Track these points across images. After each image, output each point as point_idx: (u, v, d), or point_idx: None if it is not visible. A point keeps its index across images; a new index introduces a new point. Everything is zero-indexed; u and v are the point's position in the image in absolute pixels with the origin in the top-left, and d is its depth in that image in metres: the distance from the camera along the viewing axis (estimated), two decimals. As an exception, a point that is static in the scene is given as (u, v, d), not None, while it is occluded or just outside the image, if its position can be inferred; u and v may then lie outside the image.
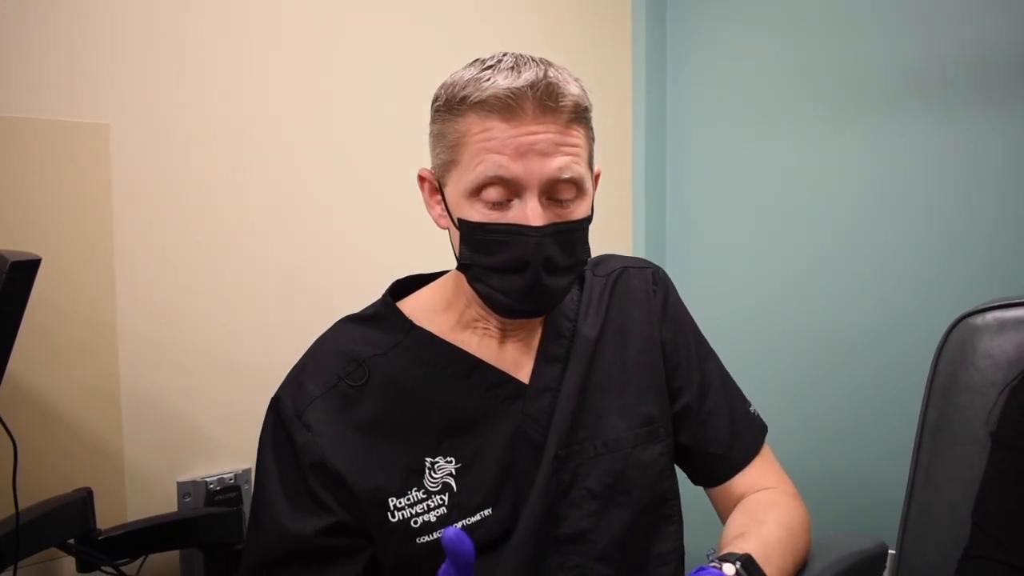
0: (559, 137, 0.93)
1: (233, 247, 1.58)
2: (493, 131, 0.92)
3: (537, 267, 0.93)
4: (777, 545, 0.99)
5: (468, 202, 0.95)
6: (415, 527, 0.97)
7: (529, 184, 0.92)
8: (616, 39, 2.28)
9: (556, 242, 0.95)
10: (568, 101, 0.93)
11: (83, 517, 1.30)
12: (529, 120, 0.92)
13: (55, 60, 1.37)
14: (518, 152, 0.91)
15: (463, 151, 0.94)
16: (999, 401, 1.07)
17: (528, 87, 0.91)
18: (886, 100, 1.96)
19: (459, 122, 0.94)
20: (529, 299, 0.96)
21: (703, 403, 1.12)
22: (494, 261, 0.95)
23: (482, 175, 0.92)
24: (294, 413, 0.99)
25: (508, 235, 0.93)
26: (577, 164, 0.95)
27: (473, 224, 0.95)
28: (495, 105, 0.91)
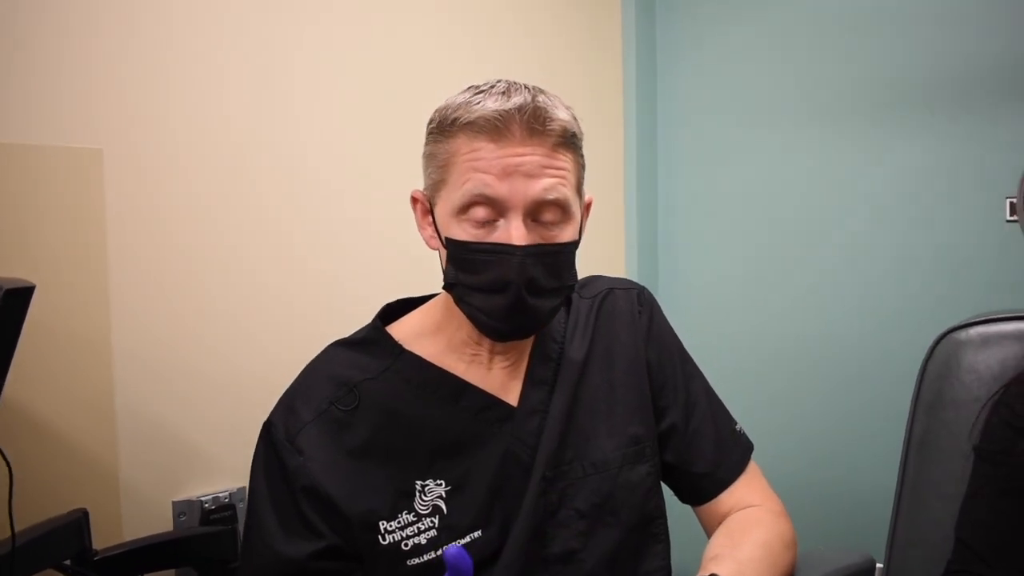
0: (545, 160, 0.95)
1: (227, 269, 1.59)
2: (481, 151, 0.94)
3: (519, 287, 0.94)
4: (753, 564, 1.00)
5: (455, 221, 0.97)
6: (405, 549, 0.99)
7: (514, 204, 0.94)
8: (606, 56, 2.30)
9: (540, 263, 0.96)
10: (556, 125, 0.95)
11: (79, 538, 1.30)
12: (516, 142, 0.94)
13: (49, 86, 1.38)
14: (504, 172, 0.93)
15: (452, 170, 0.96)
16: (982, 416, 1.08)
17: (516, 110, 0.93)
18: (877, 113, 1.97)
19: (449, 143, 0.97)
20: (511, 319, 0.97)
21: (688, 422, 1.14)
22: (478, 280, 0.96)
23: (468, 193, 0.94)
24: (286, 438, 1.00)
25: (491, 254, 0.95)
26: (563, 186, 0.96)
27: (458, 243, 0.96)
28: (483, 126, 0.94)
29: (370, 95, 1.81)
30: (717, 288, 2.27)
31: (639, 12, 2.32)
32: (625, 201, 2.33)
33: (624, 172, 2.32)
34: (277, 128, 1.67)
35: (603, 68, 2.29)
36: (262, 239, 1.64)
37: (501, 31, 2.03)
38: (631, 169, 2.32)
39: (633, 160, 2.32)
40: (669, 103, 2.37)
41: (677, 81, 2.35)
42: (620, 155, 2.32)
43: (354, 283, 1.77)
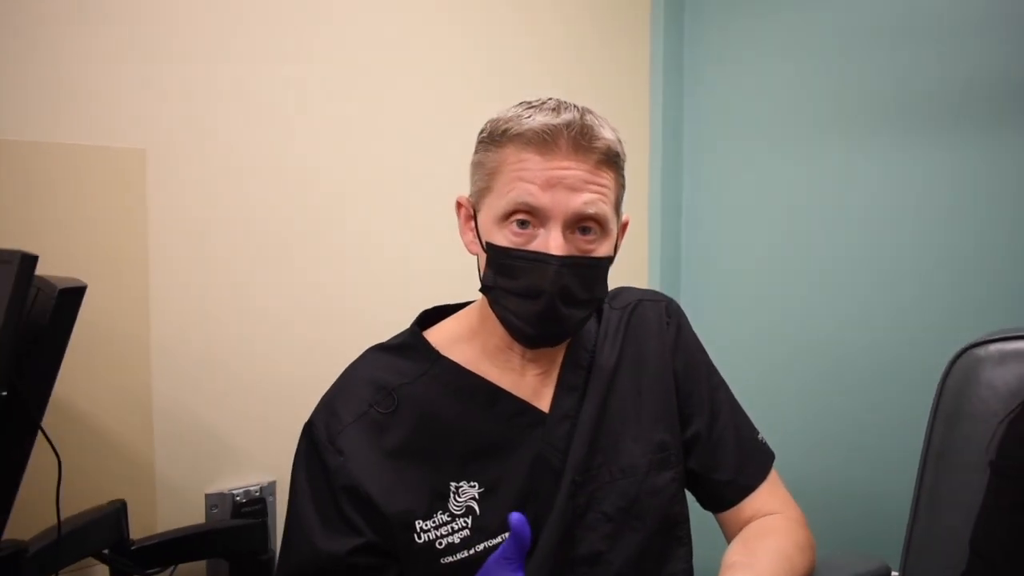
0: (588, 175, 0.99)
1: (264, 270, 1.63)
2: (527, 162, 0.98)
3: (552, 295, 0.98)
4: (770, 571, 1.03)
5: (497, 227, 1.00)
6: (440, 548, 1.02)
7: (555, 215, 0.98)
8: (633, 66, 2.32)
9: (574, 274, 0.99)
10: (601, 144, 0.99)
11: (117, 528, 1.35)
12: (562, 156, 0.98)
13: (93, 87, 1.42)
14: (548, 183, 0.97)
15: (498, 179, 1.01)
16: (998, 431, 1.11)
17: (564, 126, 0.98)
18: (900, 123, 1.97)
19: (498, 153, 1.01)
20: (541, 325, 1.01)
21: (712, 431, 1.17)
22: (514, 285, 1.00)
23: (512, 201, 0.98)
24: (327, 439, 1.04)
25: (529, 261, 0.98)
26: (603, 203, 1.00)
27: (499, 248, 1.00)
28: (532, 139, 0.98)
29: (413, 101, 1.85)
30: (739, 298, 2.29)
31: (667, 23, 2.35)
32: (649, 213, 2.35)
33: (649, 185, 2.35)
34: (321, 128, 1.70)
35: (630, 77, 2.31)
36: (301, 241, 1.68)
37: (524, 47, 2.05)
38: (656, 183, 2.35)
39: (658, 174, 2.34)
40: (695, 117, 2.39)
41: (703, 95, 2.37)
42: (645, 168, 2.35)
43: (394, 285, 1.80)
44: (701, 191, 2.38)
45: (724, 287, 2.32)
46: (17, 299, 0.85)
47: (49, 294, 1.02)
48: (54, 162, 1.39)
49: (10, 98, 1.35)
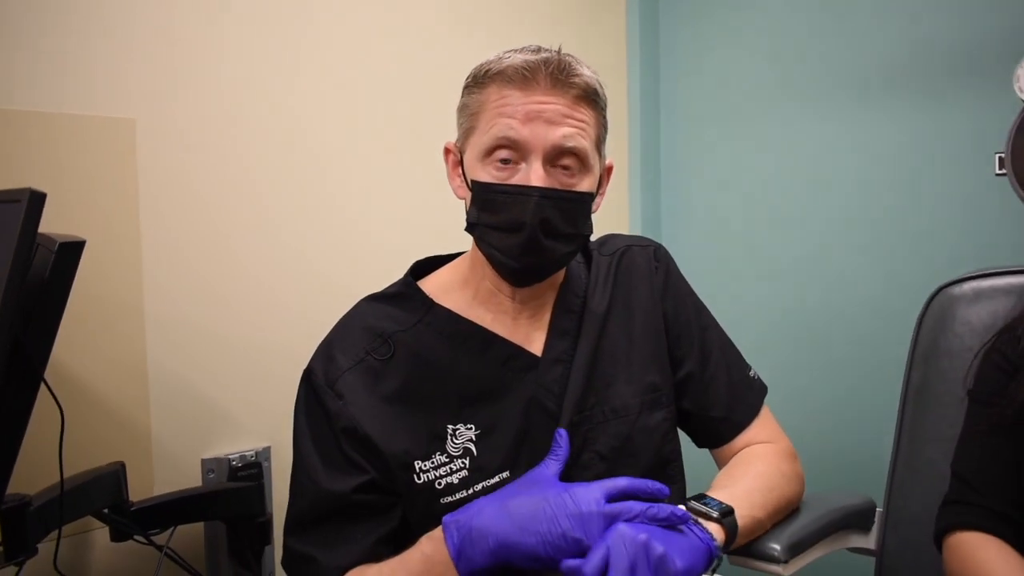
0: (567, 110, 1.02)
1: (254, 235, 1.65)
2: (508, 98, 1.02)
3: (534, 227, 1.01)
4: (748, 493, 1.07)
5: (481, 164, 1.04)
6: (439, 488, 1.05)
7: (534, 148, 1.01)
8: (609, 34, 2.36)
9: (555, 207, 1.02)
10: (579, 80, 1.03)
11: (117, 488, 1.37)
12: (541, 91, 1.01)
13: (83, 58, 1.43)
14: (527, 117, 1.01)
15: (481, 117, 1.04)
16: (975, 363, 1.16)
17: (542, 62, 1.01)
18: (869, 92, 2.04)
19: (481, 93, 1.04)
20: (525, 258, 1.03)
21: (704, 370, 1.20)
22: (497, 220, 1.03)
23: (493, 136, 1.01)
24: (326, 383, 1.06)
25: (510, 195, 1.01)
26: (582, 137, 1.03)
27: (482, 184, 1.03)
28: (512, 76, 1.01)
29: (391, 75, 1.88)
30: (720, 255, 2.34)
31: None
32: (629, 179, 2.39)
33: (628, 145, 2.39)
34: (307, 96, 1.72)
35: (605, 39, 2.35)
36: (291, 207, 1.70)
37: (502, 31, 2.09)
38: (635, 142, 2.39)
39: (637, 131, 2.39)
40: (671, 81, 2.44)
41: (679, 58, 2.42)
42: (624, 136, 2.39)
43: (379, 247, 1.82)
44: (678, 152, 2.43)
45: (704, 242, 2.37)
46: (26, 237, 0.87)
47: (49, 248, 1.04)
48: (44, 131, 1.39)
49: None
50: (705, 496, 1.05)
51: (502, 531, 0.91)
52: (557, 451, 1.01)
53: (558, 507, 0.91)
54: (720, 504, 1.02)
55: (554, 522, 0.90)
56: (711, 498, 1.04)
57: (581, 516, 0.90)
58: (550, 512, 0.91)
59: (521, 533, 0.90)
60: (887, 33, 2.01)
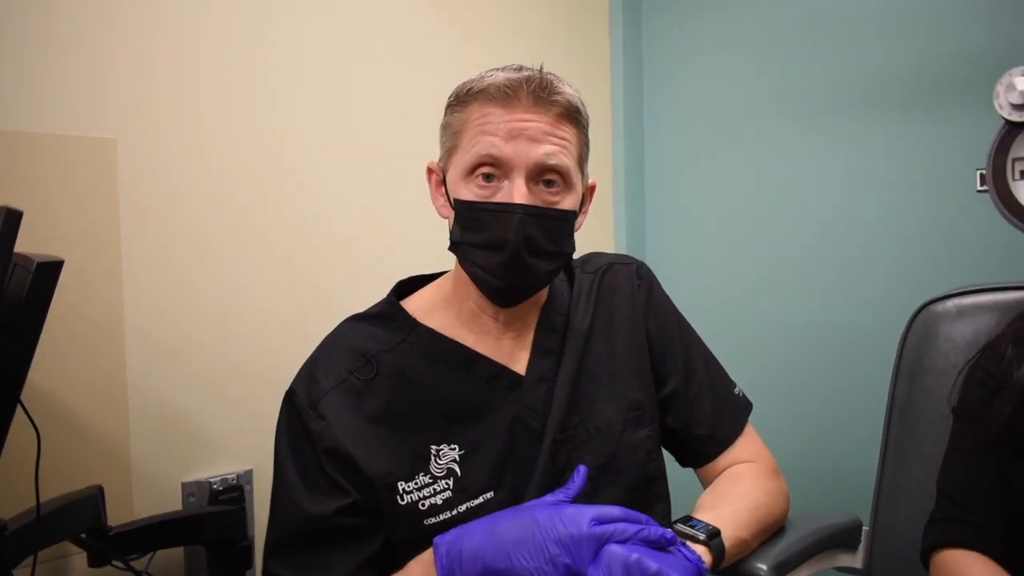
0: (549, 128, 1.02)
1: (237, 254, 1.64)
2: (490, 116, 1.02)
3: (517, 244, 1.00)
4: (735, 513, 1.06)
5: (464, 183, 1.03)
6: (423, 509, 1.04)
7: (517, 165, 1.01)
8: (593, 53, 2.37)
9: (538, 224, 1.01)
10: (560, 98, 1.03)
11: (95, 513, 1.34)
12: (522, 109, 1.01)
13: (64, 76, 1.43)
14: (510, 135, 1.00)
15: (463, 136, 1.04)
16: (959, 380, 1.16)
17: (524, 80, 1.02)
18: (854, 110, 2.06)
19: (464, 111, 1.04)
20: (508, 276, 1.02)
21: (688, 387, 1.20)
22: (480, 238, 1.02)
23: (476, 154, 1.01)
24: (308, 404, 1.05)
25: (493, 213, 1.01)
26: (564, 155, 1.03)
27: (464, 203, 1.03)
28: (494, 94, 1.01)
29: (374, 89, 1.88)
30: (703, 272, 2.35)
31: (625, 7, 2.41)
32: (613, 196, 2.39)
33: (612, 162, 2.40)
34: (288, 115, 1.72)
35: (590, 67, 2.36)
36: (274, 223, 1.69)
37: (489, 35, 2.10)
38: (619, 160, 2.40)
39: (621, 150, 2.40)
40: (655, 98, 2.45)
41: (663, 76, 2.44)
42: (608, 154, 2.39)
43: (364, 266, 1.82)
44: (663, 167, 2.44)
45: (688, 259, 2.38)
46: (2, 255, 0.85)
47: (27, 267, 1.03)
48: (24, 151, 1.39)
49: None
50: (691, 518, 1.04)
51: (490, 555, 0.90)
52: (570, 485, 0.99)
53: (547, 531, 0.90)
54: (707, 526, 1.02)
55: (542, 548, 0.89)
56: (697, 520, 1.03)
57: (571, 539, 0.89)
58: (539, 537, 0.90)
59: (509, 558, 0.89)
60: (873, 48, 2.03)
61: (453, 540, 0.94)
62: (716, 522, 1.03)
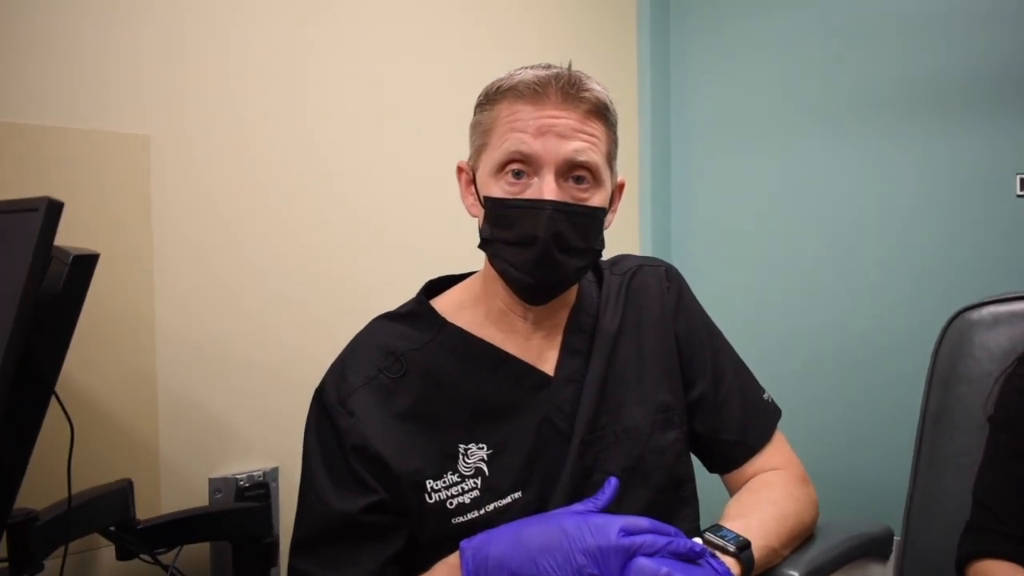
0: (578, 124, 1.02)
1: (268, 253, 1.65)
2: (519, 113, 1.02)
3: (547, 240, 1.00)
4: (762, 522, 1.05)
5: (493, 180, 1.03)
6: (450, 508, 1.03)
7: (546, 162, 1.01)
8: (620, 58, 2.37)
9: (568, 221, 1.01)
10: (589, 94, 1.03)
11: (124, 506, 1.36)
12: (552, 105, 1.01)
13: (99, 73, 1.45)
14: (539, 131, 1.00)
15: (493, 134, 1.04)
16: (995, 388, 1.14)
17: (553, 77, 1.02)
18: (882, 114, 2.05)
19: (493, 110, 1.04)
20: (538, 273, 1.02)
21: (717, 392, 1.19)
22: (510, 235, 1.02)
23: (506, 151, 1.01)
24: (338, 401, 1.05)
25: (523, 209, 1.01)
26: (593, 152, 1.03)
27: (494, 200, 1.03)
28: (523, 91, 1.02)
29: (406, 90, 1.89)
30: (731, 280, 2.33)
31: (653, 5, 2.41)
32: (639, 197, 2.39)
33: (638, 169, 2.39)
34: (323, 118, 1.74)
35: (617, 68, 2.36)
36: (304, 222, 1.70)
37: (518, 39, 2.11)
38: (645, 166, 2.39)
39: (647, 156, 2.39)
40: (682, 96, 2.44)
41: (690, 80, 2.43)
42: (635, 152, 2.38)
43: (395, 266, 1.83)
44: (689, 173, 2.43)
45: (715, 265, 2.37)
46: (43, 246, 0.86)
47: (63, 260, 1.04)
48: (59, 146, 1.40)
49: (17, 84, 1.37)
50: (721, 527, 1.02)
51: (517, 562, 0.89)
52: (599, 496, 0.97)
53: (575, 540, 0.89)
54: (736, 537, 1.00)
55: (570, 557, 0.88)
56: (727, 530, 1.01)
57: (599, 550, 0.88)
58: (567, 546, 0.88)
59: (536, 566, 0.88)
60: (903, 52, 2.01)
61: (479, 545, 0.93)
62: (745, 531, 1.01)
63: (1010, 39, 1.85)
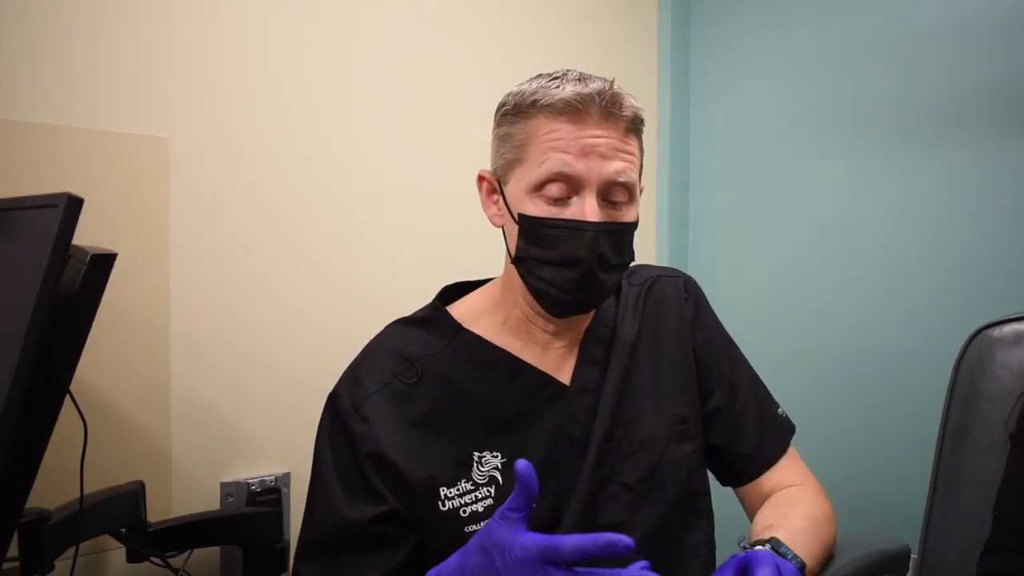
0: (619, 143, 1.01)
1: (283, 256, 1.65)
2: (559, 132, 0.99)
3: (591, 262, 0.99)
4: (804, 534, 1.03)
5: (529, 198, 1.01)
6: (464, 516, 1.02)
7: (589, 183, 0.99)
8: (640, 70, 2.37)
9: (609, 240, 1.01)
10: (628, 111, 1.01)
11: (135, 508, 1.35)
12: (593, 124, 0.99)
13: (119, 75, 1.45)
14: (582, 152, 0.99)
15: (529, 150, 1.01)
16: (1016, 406, 1.12)
17: (595, 94, 0.99)
18: (902, 127, 2.03)
19: (528, 124, 1.02)
20: (579, 293, 1.02)
21: (733, 405, 1.18)
22: (551, 255, 1.01)
23: (547, 171, 0.99)
24: (352, 407, 1.04)
25: (566, 230, 0.99)
26: (631, 171, 1.02)
27: (533, 219, 1.01)
28: (563, 109, 0.99)
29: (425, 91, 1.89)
30: (749, 287, 2.32)
31: (674, 19, 2.41)
32: (657, 209, 2.38)
33: (656, 181, 2.38)
34: (342, 125, 1.74)
35: (636, 75, 2.36)
36: (322, 232, 1.70)
37: (534, 37, 2.11)
38: (663, 178, 2.39)
39: (666, 169, 2.38)
40: (701, 112, 2.44)
41: (710, 90, 2.42)
42: (653, 165, 2.38)
43: (411, 272, 1.82)
44: (707, 186, 2.42)
45: (732, 280, 2.35)
46: (62, 241, 0.86)
47: (81, 259, 1.04)
48: (78, 147, 1.41)
49: (39, 84, 1.37)
50: (781, 543, 0.98)
51: None
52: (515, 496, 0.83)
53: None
54: (796, 556, 0.97)
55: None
56: (786, 547, 0.98)
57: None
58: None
59: None
60: (923, 68, 2.00)
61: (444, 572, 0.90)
62: (796, 549, 0.98)
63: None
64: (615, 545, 0.77)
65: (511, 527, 0.82)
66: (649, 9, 2.38)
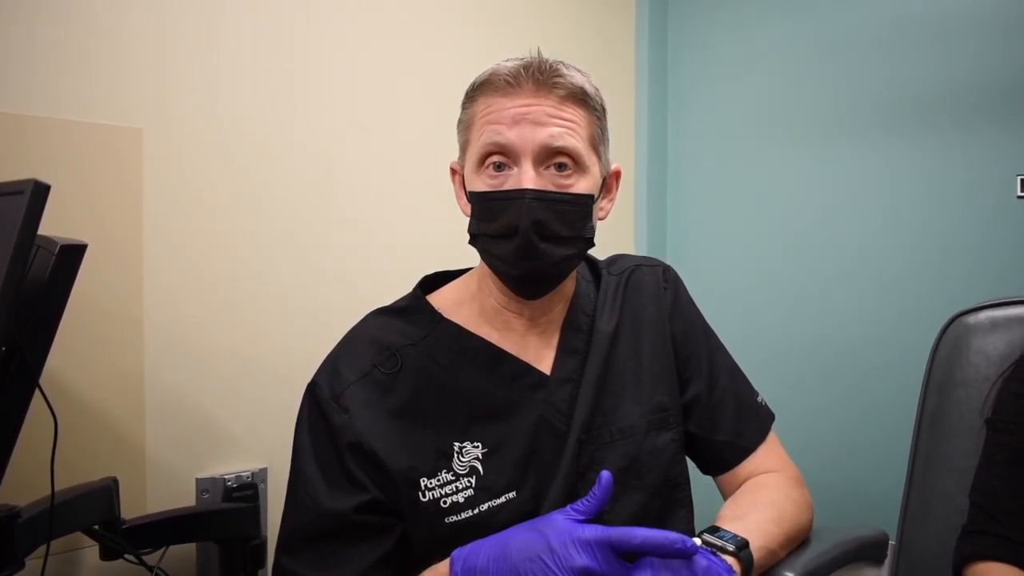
0: (553, 110, 1.00)
1: (258, 247, 1.63)
2: (494, 106, 1.01)
3: (526, 230, 0.97)
4: (758, 524, 1.03)
5: (476, 175, 1.02)
6: (444, 507, 1.02)
7: (523, 150, 0.99)
8: (618, 62, 2.37)
9: (549, 209, 0.99)
10: (563, 80, 1.01)
11: (109, 505, 1.33)
12: (526, 94, 1.00)
13: (92, 65, 1.43)
14: (513, 121, 0.99)
15: (473, 130, 1.03)
16: (992, 391, 1.13)
17: (524, 67, 1.01)
18: (878, 119, 2.06)
19: (473, 106, 1.04)
20: (521, 263, 1.00)
21: (712, 393, 1.18)
22: (493, 228, 1.00)
23: (483, 144, 1.00)
24: (331, 396, 1.03)
25: (502, 200, 0.99)
26: (571, 136, 1.00)
27: (478, 194, 1.02)
28: (498, 85, 1.01)
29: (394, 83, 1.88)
30: (728, 280, 2.33)
31: (652, 15, 2.41)
32: (635, 203, 2.38)
33: (634, 175, 2.38)
34: (313, 109, 1.73)
35: (614, 73, 2.36)
36: (295, 222, 1.69)
37: (514, 33, 2.11)
38: (641, 172, 2.39)
39: (644, 163, 2.39)
40: (679, 106, 2.44)
41: (687, 83, 2.43)
42: (631, 159, 2.38)
43: (386, 264, 1.81)
44: (685, 179, 2.43)
45: (710, 269, 2.36)
46: (28, 228, 0.84)
47: (50, 249, 1.02)
48: (50, 137, 1.39)
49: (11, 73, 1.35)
50: (718, 528, 1.01)
51: None
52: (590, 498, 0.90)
53: (561, 558, 0.85)
54: (735, 537, 0.98)
55: None
56: (725, 530, 1.00)
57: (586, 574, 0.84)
58: (552, 565, 0.85)
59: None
60: (900, 60, 2.02)
61: (469, 554, 0.91)
62: (743, 533, 0.99)
63: (1011, 44, 1.85)
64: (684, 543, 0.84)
65: (572, 519, 0.88)
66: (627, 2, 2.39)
